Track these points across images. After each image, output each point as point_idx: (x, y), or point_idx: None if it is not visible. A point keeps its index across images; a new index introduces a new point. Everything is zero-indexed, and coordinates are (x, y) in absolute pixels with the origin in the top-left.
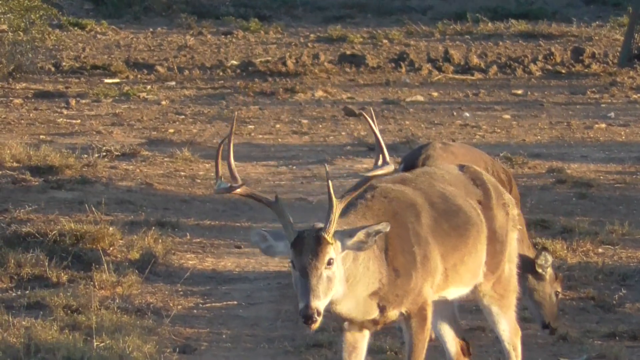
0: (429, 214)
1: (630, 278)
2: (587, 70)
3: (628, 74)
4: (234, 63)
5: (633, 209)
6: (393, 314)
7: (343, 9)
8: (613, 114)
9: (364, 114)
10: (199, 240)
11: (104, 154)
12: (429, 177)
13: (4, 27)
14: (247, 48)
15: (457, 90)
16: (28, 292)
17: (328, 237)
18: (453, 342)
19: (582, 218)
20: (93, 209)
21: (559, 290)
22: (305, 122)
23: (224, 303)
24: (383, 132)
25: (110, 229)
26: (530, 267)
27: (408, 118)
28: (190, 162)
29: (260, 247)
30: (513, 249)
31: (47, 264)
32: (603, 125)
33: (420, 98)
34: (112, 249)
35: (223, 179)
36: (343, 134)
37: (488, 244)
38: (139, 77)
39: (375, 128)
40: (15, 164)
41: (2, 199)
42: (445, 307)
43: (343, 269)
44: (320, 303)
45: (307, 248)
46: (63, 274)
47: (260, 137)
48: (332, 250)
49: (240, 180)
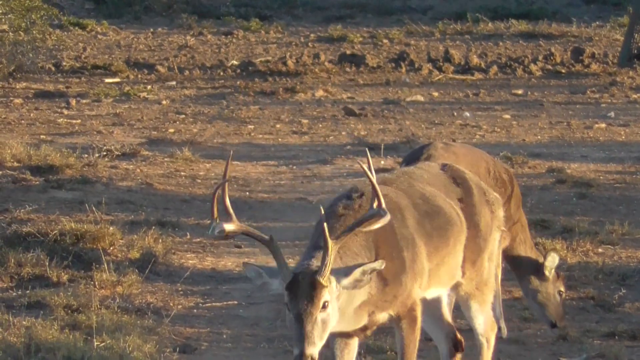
0: (413, 215)
1: (630, 278)
2: (587, 70)
3: (628, 74)
4: (235, 63)
5: (633, 209)
6: (382, 317)
7: (343, 9)
8: (613, 114)
9: (360, 163)
10: (199, 240)
11: (105, 154)
12: (409, 177)
13: (5, 27)
14: (247, 48)
15: (457, 90)
16: (28, 291)
17: (323, 280)
18: (444, 341)
19: (582, 218)
20: (93, 209)
21: (562, 290)
22: (306, 121)
23: (224, 303)
24: (383, 131)
25: (111, 229)
26: (533, 268)
27: (408, 118)
28: (191, 162)
29: (255, 284)
30: (495, 249)
31: (47, 264)
32: (603, 125)
33: (421, 98)
34: (112, 249)
35: (217, 220)
36: (343, 134)
37: (470, 241)
38: (140, 77)
39: (372, 175)
40: (16, 164)
41: (2, 199)
42: (434, 305)
43: (337, 304)
44: (316, 349)
45: (302, 293)
46: (63, 274)
47: (261, 136)
48: (327, 294)
49: (235, 219)
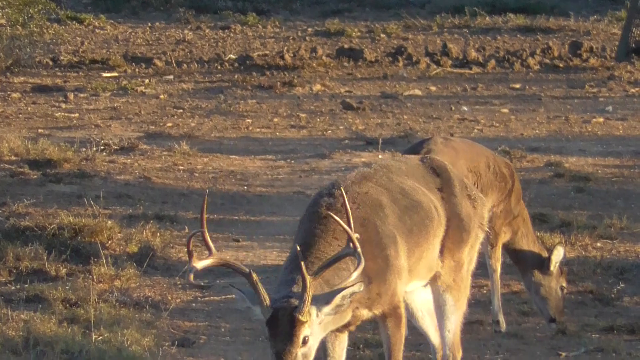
0: (394, 212)
1: (629, 272)
2: (585, 65)
3: (626, 68)
4: (232, 57)
5: (631, 203)
6: (365, 313)
7: (341, 3)
8: (611, 108)
9: (330, 214)
10: (198, 234)
11: (102, 148)
12: (387, 171)
13: (2, 21)
14: (245, 42)
15: (455, 84)
16: (27, 285)
17: (302, 317)
18: (435, 333)
19: (580, 212)
20: (91, 203)
21: (564, 285)
22: (303, 115)
23: (223, 296)
24: (381, 126)
25: (109, 223)
26: (537, 261)
27: (406, 112)
28: (189, 155)
29: (240, 306)
30: (475, 251)
31: (45, 258)
32: (601, 119)
33: (418, 92)
34: (110, 243)
35: (195, 259)
36: (341, 128)
37: (451, 230)
38: (137, 71)
39: (348, 211)
40: (14, 158)
41: (0, 193)
42: (426, 300)
43: (321, 327)
44: None
45: (281, 330)
46: (62, 268)
47: (258, 131)
48: (307, 329)
49: (215, 251)
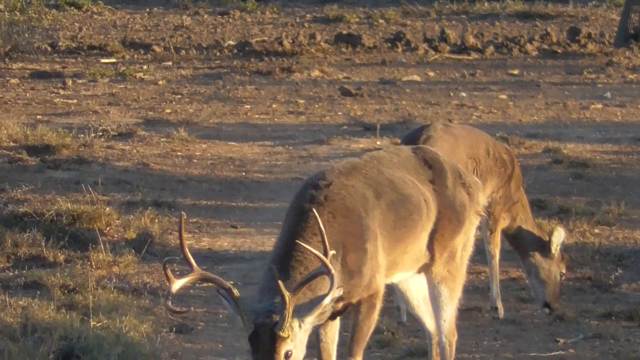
0: (379, 206)
1: (627, 258)
2: (583, 51)
3: (624, 54)
4: (231, 43)
5: (629, 189)
6: (341, 305)
7: None
8: (609, 94)
9: (300, 243)
10: (195, 220)
11: (101, 134)
12: (378, 162)
13: (1, 7)
14: (243, 28)
15: (453, 70)
16: (25, 271)
17: (284, 333)
18: (431, 319)
19: (578, 198)
20: (90, 189)
21: (564, 272)
22: (302, 102)
23: None
24: (379, 111)
25: (107, 209)
26: (538, 245)
27: (404, 98)
28: (187, 142)
29: (229, 312)
30: (471, 237)
31: (44, 244)
32: (599, 106)
33: (417, 78)
34: (108, 229)
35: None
36: (339, 114)
37: (444, 222)
38: (136, 57)
39: (322, 232)
40: (12, 144)
41: None
42: (421, 288)
43: (305, 335)
44: None
45: (263, 347)
46: (60, 254)
47: (257, 117)
48: (289, 344)
49: (196, 267)
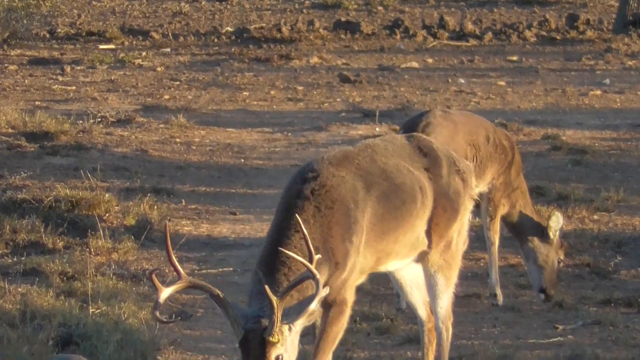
0: (369, 197)
1: (626, 245)
2: (582, 37)
3: (623, 41)
4: (229, 29)
5: (628, 176)
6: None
7: None
8: (608, 81)
9: (283, 250)
10: (195, 207)
11: (99, 120)
12: (372, 150)
13: None
14: (241, 14)
15: (452, 57)
16: (24, 258)
17: (273, 338)
18: (423, 306)
19: (577, 185)
20: (88, 175)
21: (562, 258)
22: (300, 88)
23: (220, 269)
24: (378, 98)
25: (106, 196)
26: (536, 231)
27: (403, 84)
28: (186, 128)
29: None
30: (465, 222)
31: (42, 231)
32: (598, 92)
33: (415, 64)
34: (107, 216)
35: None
36: (338, 101)
37: (439, 211)
38: (134, 43)
39: (306, 236)
40: (11, 130)
41: None
42: (415, 275)
43: (297, 336)
44: None
45: (252, 353)
46: (59, 240)
47: (255, 103)
48: (279, 348)
49: (184, 275)
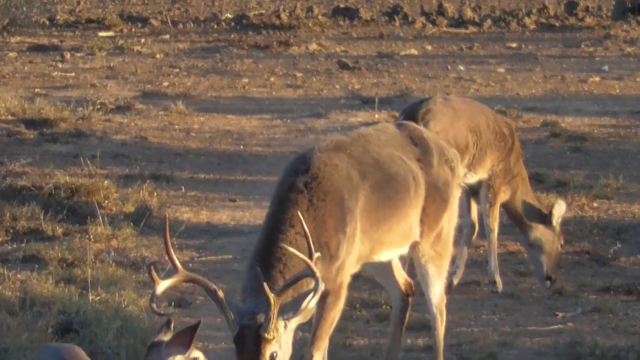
0: (362, 186)
1: (625, 232)
2: (581, 24)
3: (622, 27)
4: (228, 16)
5: (627, 163)
6: None
7: None
8: (607, 67)
9: (285, 247)
10: (194, 194)
11: (99, 107)
12: (365, 140)
13: None
14: (241, 1)
15: (451, 44)
16: (23, 245)
17: (269, 335)
18: (397, 289)
19: (576, 172)
20: (88, 162)
21: (562, 243)
22: (300, 75)
23: (219, 257)
24: (377, 85)
25: (105, 182)
26: (539, 217)
27: (402, 71)
28: (185, 115)
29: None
30: (455, 210)
31: (42, 217)
32: (597, 79)
33: (414, 51)
34: (107, 202)
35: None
36: (337, 87)
37: (428, 201)
38: (134, 30)
39: (307, 235)
40: (10, 117)
41: None
42: (389, 265)
43: (292, 334)
44: None
45: (247, 350)
46: (58, 227)
47: (255, 90)
48: (274, 345)
49: (181, 269)
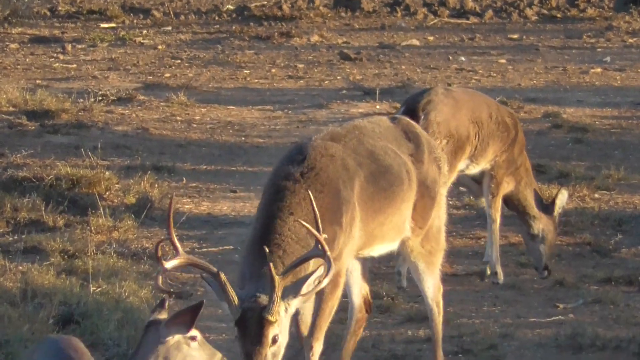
0: (357, 178)
1: (626, 223)
2: (582, 15)
3: (624, 19)
4: (230, 7)
5: (629, 154)
6: None
7: None
8: (609, 59)
9: (302, 222)
10: (195, 185)
11: (100, 99)
12: (359, 132)
13: None
14: None
15: (452, 35)
16: (25, 236)
17: (272, 317)
18: (359, 294)
19: (578, 163)
20: (89, 154)
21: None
22: (301, 66)
23: (220, 248)
24: (379, 76)
25: (107, 174)
26: (542, 208)
27: (404, 62)
28: (186, 106)
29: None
30: (443, 207)
31: (43, 209)
32: (599, 70)
33: (416, 42)
34: (108, 194)
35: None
36: (339, 78)
37: (418, 199)
38: (135, 21)
39: (316, 214)
40: (12, 109)
41: None
42: (356, 263)
43: (290, 320)
44: None
45: (250, 332)
46: (59, 219)
47: (256, 81)
48: (276, 328)
49: (182, 252)
